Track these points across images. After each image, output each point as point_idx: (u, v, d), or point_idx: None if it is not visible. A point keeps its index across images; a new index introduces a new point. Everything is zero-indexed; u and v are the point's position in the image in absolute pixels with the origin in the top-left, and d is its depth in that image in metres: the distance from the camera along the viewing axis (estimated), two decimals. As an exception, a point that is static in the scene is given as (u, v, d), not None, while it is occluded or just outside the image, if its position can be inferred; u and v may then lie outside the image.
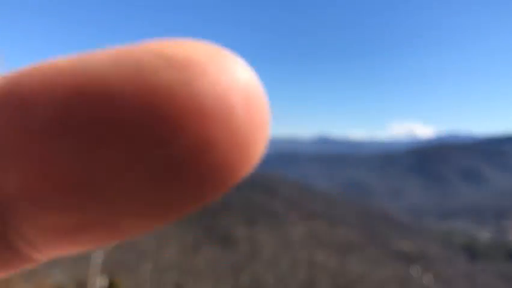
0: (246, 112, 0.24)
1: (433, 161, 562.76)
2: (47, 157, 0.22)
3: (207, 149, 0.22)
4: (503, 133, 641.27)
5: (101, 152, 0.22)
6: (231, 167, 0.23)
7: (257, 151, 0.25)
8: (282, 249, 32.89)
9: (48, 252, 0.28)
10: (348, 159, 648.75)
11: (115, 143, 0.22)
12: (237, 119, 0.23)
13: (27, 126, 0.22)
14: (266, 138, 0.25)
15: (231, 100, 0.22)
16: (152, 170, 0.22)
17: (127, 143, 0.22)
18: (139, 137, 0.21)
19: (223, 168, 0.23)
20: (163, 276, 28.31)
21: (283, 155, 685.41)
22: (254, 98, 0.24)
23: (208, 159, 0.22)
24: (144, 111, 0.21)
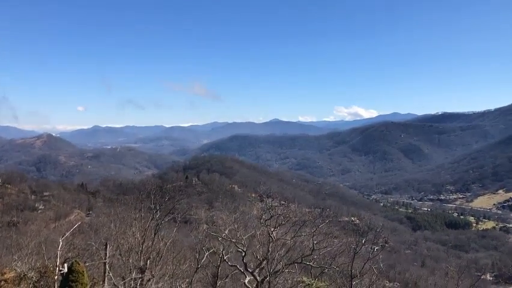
0: None
1: (377, 140, 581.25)
2: None
3: None
4: (440, 112, 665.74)
5: None
6: None
7: None
8: (240, 228, 34.15)
9: None
10: (298, 141, 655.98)
11: None
12: None
13: None
14: None
15: None
16: None
17: None
18: None
19: None
20: (125, 260, 28.97)
21: (239, 139, 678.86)
22: None
23: None
24: None
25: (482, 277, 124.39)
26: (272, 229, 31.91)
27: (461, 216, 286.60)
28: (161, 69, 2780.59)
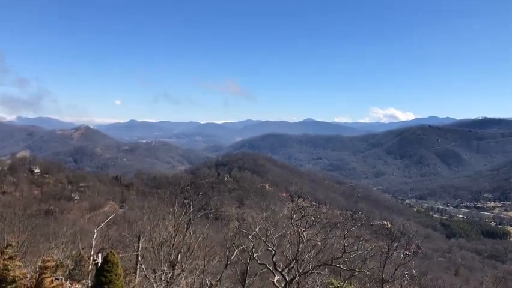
0: None
1: (413, 144, 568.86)
2: None
3: None
4: (480, 117, 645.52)
5: None
6: None
7: None
8: (270, 227, 34.13)
9: None
10: (332, 141, 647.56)
11: None
12: None
13: None
14: None
15: None
16: None
17: None
18: None
19: None
20: (157, 253, 29.47)
21: (272, 137, 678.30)
22: None
23: None
24: None
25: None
26: (303, 229, 31.77)
27: (499, 226, 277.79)
28: (196, 67, 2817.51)
